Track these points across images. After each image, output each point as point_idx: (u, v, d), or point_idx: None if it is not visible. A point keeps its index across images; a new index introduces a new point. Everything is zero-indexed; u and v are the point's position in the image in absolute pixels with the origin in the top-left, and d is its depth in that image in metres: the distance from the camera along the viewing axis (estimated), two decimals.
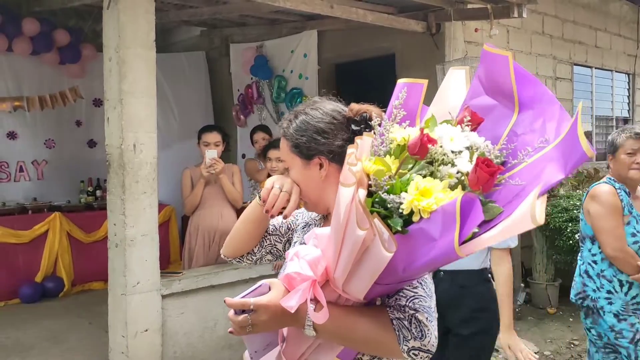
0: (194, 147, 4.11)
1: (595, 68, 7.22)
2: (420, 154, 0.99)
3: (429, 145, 0.98)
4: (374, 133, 1.14)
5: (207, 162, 3.73)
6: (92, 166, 6.41)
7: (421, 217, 0.93)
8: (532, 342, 4.48)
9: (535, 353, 4.36)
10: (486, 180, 0.91)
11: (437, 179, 0.97)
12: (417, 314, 1.11)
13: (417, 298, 1.13)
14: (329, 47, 6.20)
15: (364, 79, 6.14)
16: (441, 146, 1.00)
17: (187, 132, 6.53)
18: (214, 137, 3.96)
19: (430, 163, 1.01)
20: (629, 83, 7.93)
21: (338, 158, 1.32)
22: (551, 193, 5.86)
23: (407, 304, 1.12)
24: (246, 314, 1.11)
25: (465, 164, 0.96)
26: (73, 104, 6.42)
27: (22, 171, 6.18)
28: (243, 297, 1.12)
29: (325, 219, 1.45)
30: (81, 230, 5.74)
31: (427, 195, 0.93)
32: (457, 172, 0.98)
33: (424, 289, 1.16)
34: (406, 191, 0.95)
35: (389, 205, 0.97)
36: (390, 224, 0.95)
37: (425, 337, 1.10)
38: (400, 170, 1.02)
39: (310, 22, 6.04)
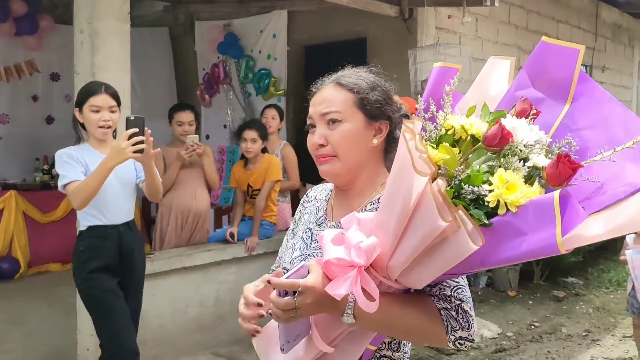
0: (159, 126, 3.97)
1: None
2: (499, 146, 0.96)
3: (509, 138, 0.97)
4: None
5: (188, 146, 3.64)
6: (49, 143, 6.14)
7: (507, 210, 0.91)
8: (495, 324, 4.62)
9: (498, 334, 4.51)
10: (568, 176, 0.89)
11: (513, 172, 0.95)
12: (462, 304, 1.12)
13: (459, 288, 1.14)
14: (299, 29, 6.13)
15: (334, 62, 6.09)
16: (521, 140, 0.98)
17: (150, 110, 6.35)
18: (187, 116, 3.87)
19: (498, 155, 0.99)
20: (587, 74, 8.19)
21: (392, 134, 1.31)
22: None
23: (452, 294, 1.13)
24: (291, 296, 1.06)
25: (542, 159, 0.95)
26: (29, 78, 6.14)
27: None
28: (287, 278, 1.07)
29: (340, 194, 1.38)
30: (38, 210, 5.52)
31: (512, 188, 0.90)
32: (531, 166, 0.96)
33: (463, 279, 1.16)
34: (488, 183, 0.93)
35: (467, 197, 0.94)
36: (472, 215, 0.91)
37: (471, 327, 1.12)
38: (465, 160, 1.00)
39: (280, 1, 5.95)
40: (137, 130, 2.33)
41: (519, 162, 0.97)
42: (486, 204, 0.92)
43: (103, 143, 2.62)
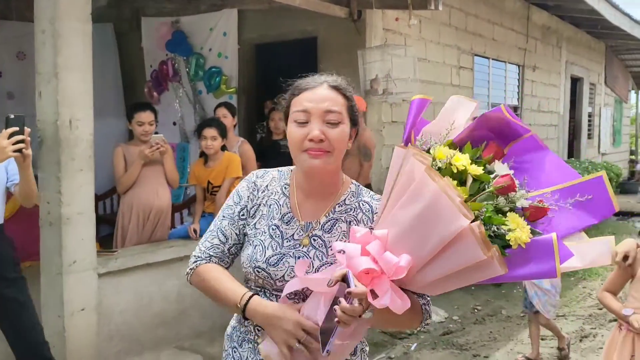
0: (108, 125, 3.99)
1: (492, 59, 7.86)
2: (503, 193, 1.22)
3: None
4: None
5: (153, 144, 3.69)
6: None
7: (518, 245, 1.18)
8: (442, 309, 4.93)
9: (445, 318, 4.81)
10: (542, 215, 1.22)
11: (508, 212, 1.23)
12: (430, 300, 1.47)
13: None
14: (250, 27, 6.23)
15: (285, 61, 6.24)
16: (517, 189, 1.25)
17: (97, 108, 6.23)
18: (147, 116, 3.92)
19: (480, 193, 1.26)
20: (519, 74, 8.71)
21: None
22: None
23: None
24: (357, 303, 1.19)
25: (524, 202, 1.23)
26: None
27: None
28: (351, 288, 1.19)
29: (307, 192, 1.47)
30: None
31: (519, 226, 1.18)
32: (516, 207, 1.24)
33: None
34: (504, 223, 1.18)
35: (492, 234, 1.19)
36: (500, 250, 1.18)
37: (431, 316, 1.52)
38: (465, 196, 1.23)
39: (230, 0, 6.02)
40: (17, 129, 2.25)
41: (505, 201, 1.24)
42: (506, 240, 1.19)
43: None
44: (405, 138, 1.39)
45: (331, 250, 1.41)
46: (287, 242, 1.44)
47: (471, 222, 1.14)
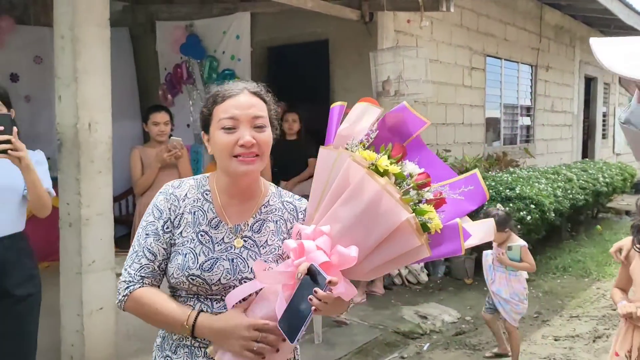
0: (123, 127, 4.05)
1: (504, 59, 7.86)
2: (421, 188, 1.39)
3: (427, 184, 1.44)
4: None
5: (170, 147, 3.75)
6: None
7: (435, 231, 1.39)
8: (454, 310, 4.94)
9: (458, 319, 4.83)
10: (441, 205, 1.42)
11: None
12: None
13: None
14: (262, 30, 6.30)
15: (297, 63, 6.30)
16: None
17: (114, 110, 6.34)
18: (162, 116, 3.99)
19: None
20: (532, 74, 8.69)
21: None
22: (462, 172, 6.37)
23: None
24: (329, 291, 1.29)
25: (429, 195, 1.41)
26: None
27: None
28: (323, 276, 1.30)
29: (232, 195, 1.49)
30: None
31: (432, 215, 1.38)
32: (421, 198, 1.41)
33: None
34: (424, 215, 1.36)
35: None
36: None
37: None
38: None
39: (242, 3, 6.09)
40: (2, 128, 2.10)
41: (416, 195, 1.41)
42: (427, 227, 1.37)
43: None
44: (331, 142, 1.49)
45: (264, 248, 1.48)
46: (217, 246, 1.45)
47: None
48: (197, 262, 1.42)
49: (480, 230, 1.49)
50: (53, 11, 3.19)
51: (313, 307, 1.27)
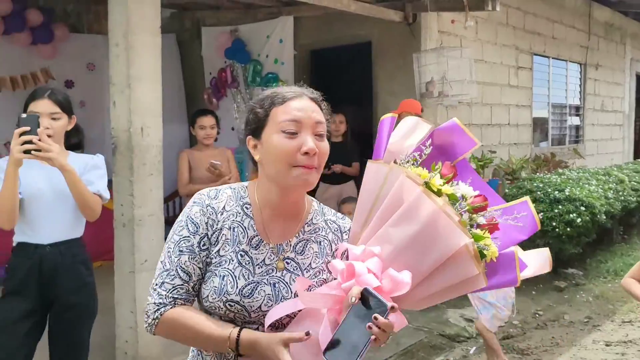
0: (171, 131, 4.15)
1: (552, 58, 7.69)
2: (477, 212, 1.30)
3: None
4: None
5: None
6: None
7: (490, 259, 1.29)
8: None
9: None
10: (494, 231, 1.32)
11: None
12: None
13: None
14: (305, 33, 6.36)
15: (340, 65, 6.34)
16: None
17: (162, 115, 6.55)
18: (209, 120, 4.09)
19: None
20: (581, 72, 8.47)
21: None
22: (514, 176, 6.27)
23: None
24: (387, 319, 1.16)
25: (482, 219, 1.31)
26: (44, 85, 6.32)
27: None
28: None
29: (276, 212, 1.35)
30: None
31: (489, 242, 1.29)
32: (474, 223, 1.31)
33: None
34: (480, 241, 1.26)
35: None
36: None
37: None
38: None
39: (286, 7, 6.17)
40: (28, 128, 2.08)
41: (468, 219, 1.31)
42: (484, 255, 1.28)
43: None
44: (381, 156, 1.39)
45: (308, 272, 1.34)
46: (258, 268, 1.31)
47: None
48: (237, 287, 1.27)
49: (536, 261, 1.40)
50: (107, 20, 3.32)
51: (372, 337, 1.13)
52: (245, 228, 1.32)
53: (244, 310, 1.27)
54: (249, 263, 1.30)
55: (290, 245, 1.35)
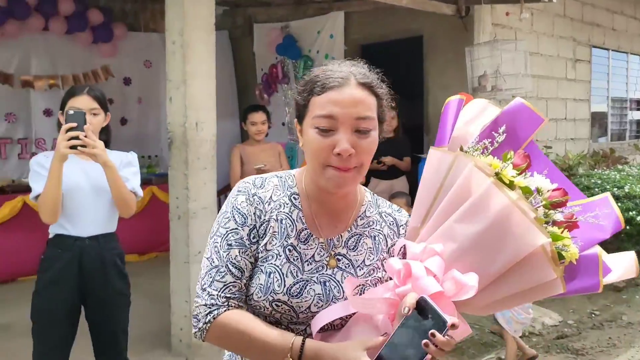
0: (223, 126, 4.24)
1: (612, 50, 7.39)
2: (555, 207, 1.16)
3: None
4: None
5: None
6: (123, 143, 6.59)
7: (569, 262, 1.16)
8: (556, 313, 4.75)
9: (560, 322, 4.63)
10: (572, 229, 1.18)
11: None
12: None
13: None
14: (356, 28, 6.35)
15: (391, 60, 6.29)
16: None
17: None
18: (260, 116, 4.16)
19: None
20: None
21: None
22: (570, 172, 6.08)
23: None
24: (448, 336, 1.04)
25: (559, 216, 1.17)
26: (105, 83, 6.58)
27: None
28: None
29: (325, 204, 1.23)
30: None
31: (568, 242, 1.15)
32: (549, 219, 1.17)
33: None
34: (559, 241, 1.12)
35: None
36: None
37: None
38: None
39: (336, 2, 6.18)
40: (74, 125, 2.12)
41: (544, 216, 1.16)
42: (562, 256, 1.14)
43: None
44: (446, 142, 1.26)
45: (362, 269, 1.21)
46: (307, 265, 1.18)
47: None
48: (284, 285, 1.15)
49: (621, 265, 1.26)
50: (163, 18, 3.44)
51: (428, 356, 1.01)
52: (293, 220, 1.21)
53: (292, 311, 1.16)
54: (297, 259, 1.18)
55: (342, 240, 1.22)
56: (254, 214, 1.20)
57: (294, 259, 1.18)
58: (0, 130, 6.04)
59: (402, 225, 1.30)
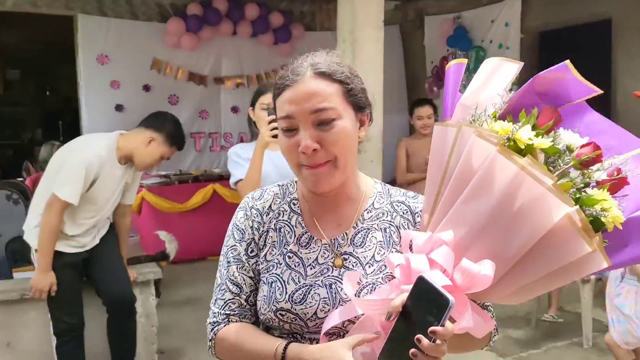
0: (390, 120, 4.29)
1: None
2: (587, 166, 0.95)
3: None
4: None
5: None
6: None
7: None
8: None
9: None
10: (622, 187, 0.96)
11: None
12: (493, 310, 1.18)
13: None
14: (534, 15, 6.00)
15: (573, 47, 5.84)
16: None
17: (384, 104, 6.83)
18: (426, 110, 4.17)
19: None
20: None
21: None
22: None
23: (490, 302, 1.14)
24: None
25: (602, 174, 0.96)
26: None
27: (243, 141, 7.03)
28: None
29: (321, 203, 1.17)
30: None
31: (608, 205, 0.93)
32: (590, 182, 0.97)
33: None
34: (594, 205, 0.92)
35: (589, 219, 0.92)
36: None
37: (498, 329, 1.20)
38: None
39: None
40: (274, 117, 2.33)
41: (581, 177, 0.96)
42: (601, 223, 0.93)
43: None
44: (448, 114, 1.10)
45: (371, 266, 1.12)
46: (310, 269, 1.13)
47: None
48: (286, 292, 1.11)
49: None
50: (336, 18, 3.62)
51: None
52: (292, 226, 1.17)
53: (298, 319, 1.10)
54: (298, 264, 1.14)
55: (347, 238, 1.15)
56: (251, 227, 1.19)
57: (294, 265, 1.14)
58: (196, 126, 6.80)
59: (417, 212, 1.18)
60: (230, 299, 1.17)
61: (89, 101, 6.14)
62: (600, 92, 1.05)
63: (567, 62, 1.04)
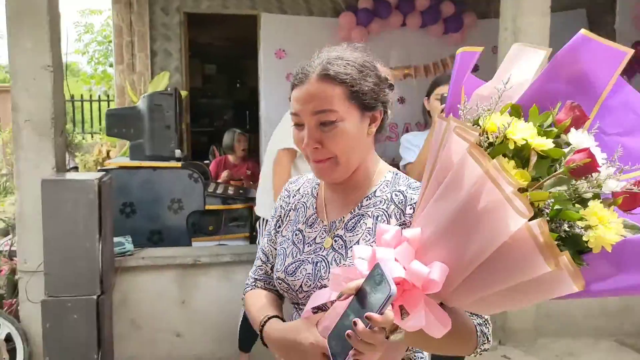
0: None
1: None
2: (578, 174, 0.82)
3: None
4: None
5: None
6: (399, 122, 6.92)
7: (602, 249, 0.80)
8: None
9: None
10: (636, 204, 0.79)
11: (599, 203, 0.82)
12: (489, 320, 1.16)
13: None
14: None
15: None
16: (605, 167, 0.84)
17: None
18: None
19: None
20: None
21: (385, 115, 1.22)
22: None
23: None
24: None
25: (614, 184, 0.81)
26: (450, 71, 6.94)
27: (407, 132, 7.07)
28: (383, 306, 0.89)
29: (332, 189, 1.26)
30: None
31: (603, 223, 0.79)
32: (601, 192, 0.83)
33: None
34: (581, 219, 0.80)
35: (564, 234, 0.81)
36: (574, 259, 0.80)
37: (491, 339, 1.16)
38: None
39: None
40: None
41: (588, 186, 0.82)
42: (583, 242, 0.80)
43: None
44: (448, 106, 1.03)
45: (351, 252, 1.14)
46: (307, 246, 1.24)
47: (530, 220, 0.77)
48: (284, 264, 1.25)
49: None
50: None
51: (351, 352, 0.92)
52: (306, 208, 1.31)
53: (290, 290, 1.23)
54: (300, 241, 1.26)
55: (343, 221, 1.22)
56: (281, 206, 1.36)
57: (297, 242, 1.26)
58: None
59: (411, 203, 1.18)
60: (259, 266, 1.37)
61: (267, 93, 6.68)
62: (632, 51, 0.93)
63: (583, 30, 0.97)
